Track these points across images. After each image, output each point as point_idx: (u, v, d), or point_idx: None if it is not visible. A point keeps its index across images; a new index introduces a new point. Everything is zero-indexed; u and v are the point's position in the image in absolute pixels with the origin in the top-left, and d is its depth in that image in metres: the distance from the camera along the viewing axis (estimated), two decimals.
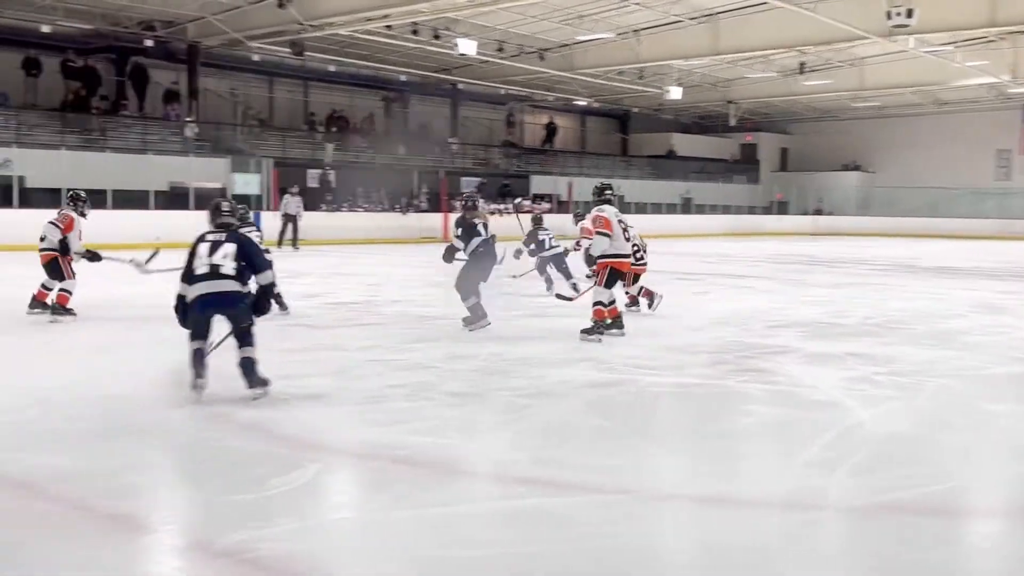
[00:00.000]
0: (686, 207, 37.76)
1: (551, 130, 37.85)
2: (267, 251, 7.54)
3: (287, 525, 3.86)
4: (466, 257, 9.21)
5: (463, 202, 9.67)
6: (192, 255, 6.14)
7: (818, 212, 40.58)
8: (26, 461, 4.57)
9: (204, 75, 27.16)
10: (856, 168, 42.10)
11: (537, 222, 13.03)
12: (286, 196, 23.26)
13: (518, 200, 12.92)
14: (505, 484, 4.56)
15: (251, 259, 6.17)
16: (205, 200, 11.04)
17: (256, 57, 27.13)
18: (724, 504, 4.25)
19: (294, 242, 22.53)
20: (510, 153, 35.22)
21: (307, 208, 23.96)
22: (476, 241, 9.16)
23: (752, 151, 43.55)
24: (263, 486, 4.30)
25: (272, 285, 6.42)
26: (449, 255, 9.35)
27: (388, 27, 23.28)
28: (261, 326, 6.22)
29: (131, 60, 26.00)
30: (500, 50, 26.48)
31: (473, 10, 21.76)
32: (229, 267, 6.04)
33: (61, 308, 9.43)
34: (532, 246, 12.76)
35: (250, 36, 24.36)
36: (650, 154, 40.06)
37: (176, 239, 13.82)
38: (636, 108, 38.64)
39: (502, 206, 30.24)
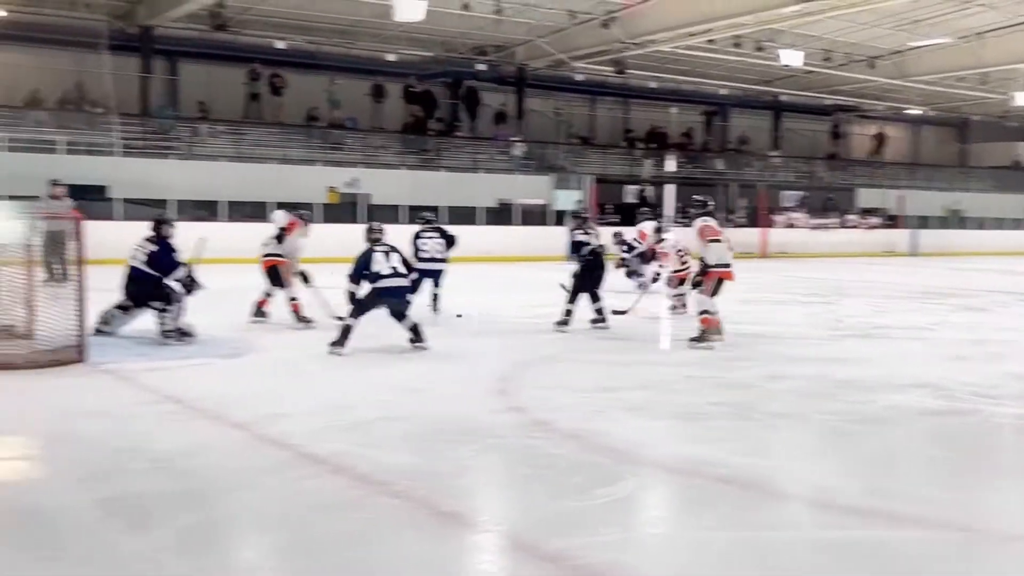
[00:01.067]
0: None
1: (880, 140, 35.95)
2: None
3: (610, 536, 3.92)
4: None
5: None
6: (369, 261, 8.25)
7: None
8: (376, 458, 4.95)
9: (530, 96, 28.33)
10: None
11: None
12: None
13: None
14: (832, 512, 4.37)
15: (407, 264, 8.59)
16: (529, 216, 11.51)
17: (579, 77, 27.92)
18: None
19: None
20: (835, 166, 33.82)
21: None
22: None
23: None
24: (586, 495, 4.39)
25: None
26: None
27: (710, 41, 23.14)
28: (582, 338, 6.36)
29: (464, 84, 27.58)
30: (827, 59, 25.53)
31: (799, 20, 21.15)
32: (402, 269, 8.38)
33: (298, 316, 9.74)
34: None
35: (574, 56, 25.12)
36: (992, 165, 36.99)
37: (501, 253, 14.51)
38: (976, 115, 35.83)
39: (827, 221, 29.11)
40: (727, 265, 8.88)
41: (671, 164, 28.33)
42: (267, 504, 4.26)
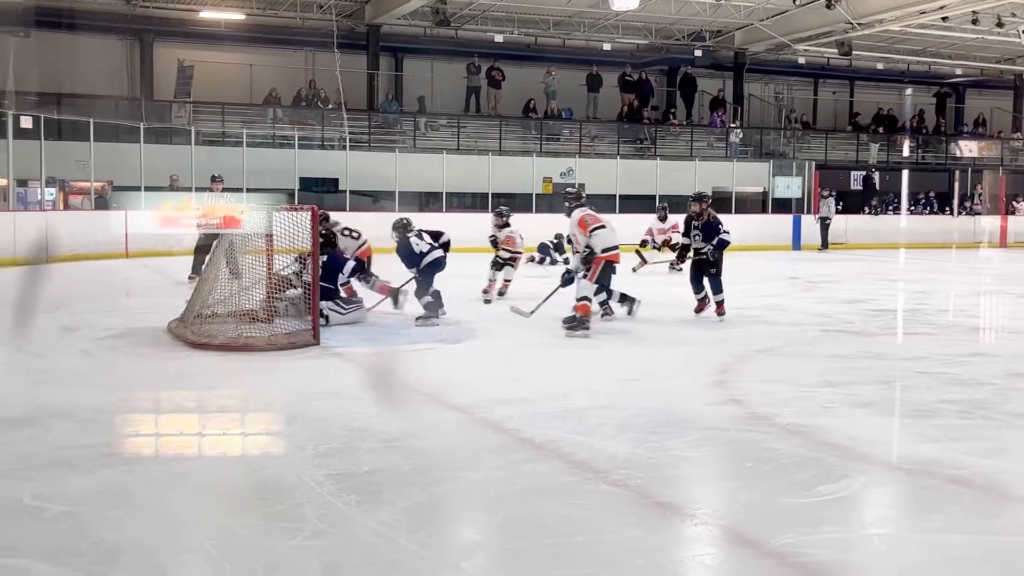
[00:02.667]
0: None
1: None
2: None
3: (834, 534, 3.79)
4: None
5: None
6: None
7: None
8: (593, 446, 4.99)
9: (749, 81, 27.66)
10: None
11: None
12: (820, 200, 23.12)
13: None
14: None
15: None
16: (745, 204, 11.29)
17: (801, 60, 27.00)
18: None
19: (824, 245, 22.37)
20: None
21: (848, 211, 23.43)
22: None
23: None
24: (809, 492, 4.26)
25: None
26: None
27: (943, 19, 21.82)
28: (803, 330, 6.18)
29: (680, 70, 27.24)
30: None
31: None
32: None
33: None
34: None
35: (796, 39, 24.33)
36: None
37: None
38: None
39: None
40: (614, 248, 8.92)
41: (905, 148, 27.00)
42: (489, 485, 4.38)
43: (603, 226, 8.89)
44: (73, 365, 7.25)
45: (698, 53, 25.86)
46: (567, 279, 9.01)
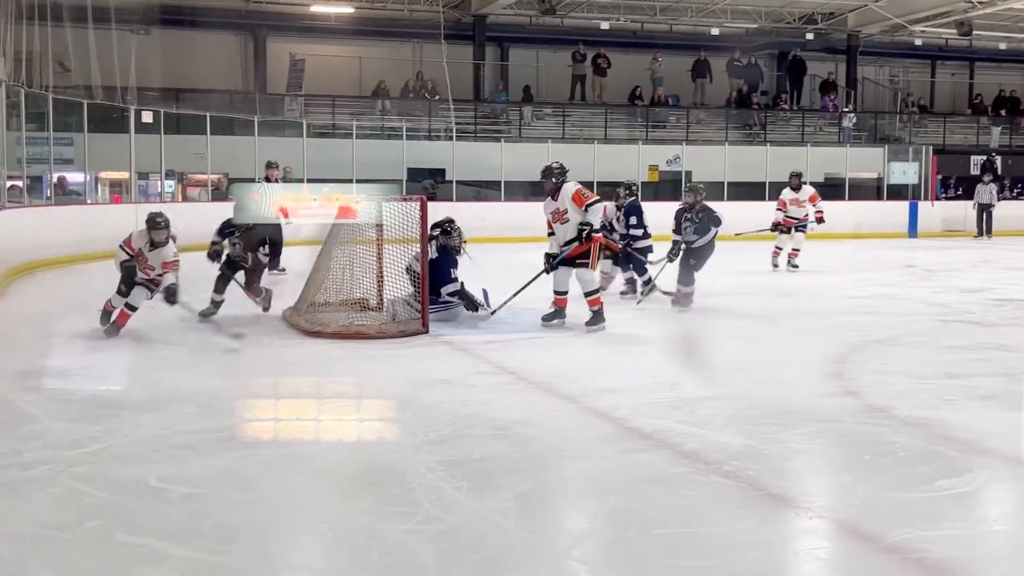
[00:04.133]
0: None
1: None
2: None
3: (955, 530, 3.67)
4: None
5: None
6: None
7: None
8: (703, 436, 4.94)
9: (862, 64, 26.89)
10: None
11: None
12: (979, 185, 22.23)
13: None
14: None
15: None
16: (859, 191, 11.01)
17: (918, 41, 26.10)
18: None
19: (988, 232, 21.51)
20: None
21: (968, 196, 22.57)
22: None
23: None
24: (929, 486, 4.14)
25: None
26: None
27: None
28: (920, 319, 6.00)
29: (790, 54, 26.63)
30: None
31: None
32: None
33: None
34: None
35: (912, 20, 23.57)
36: None
37: (828, 230, 13.96)
38: None
39: None
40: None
41: (995, 139, 25.89)
42: (599, 474, 4.38)
43: (600, 200, 8.25)
44: (193, 352, 7.50)
45: (809, 36, 25.21)
46: (553, 265, 8.30)
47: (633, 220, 10.21)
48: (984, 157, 25.45)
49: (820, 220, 13.83)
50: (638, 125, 24.37)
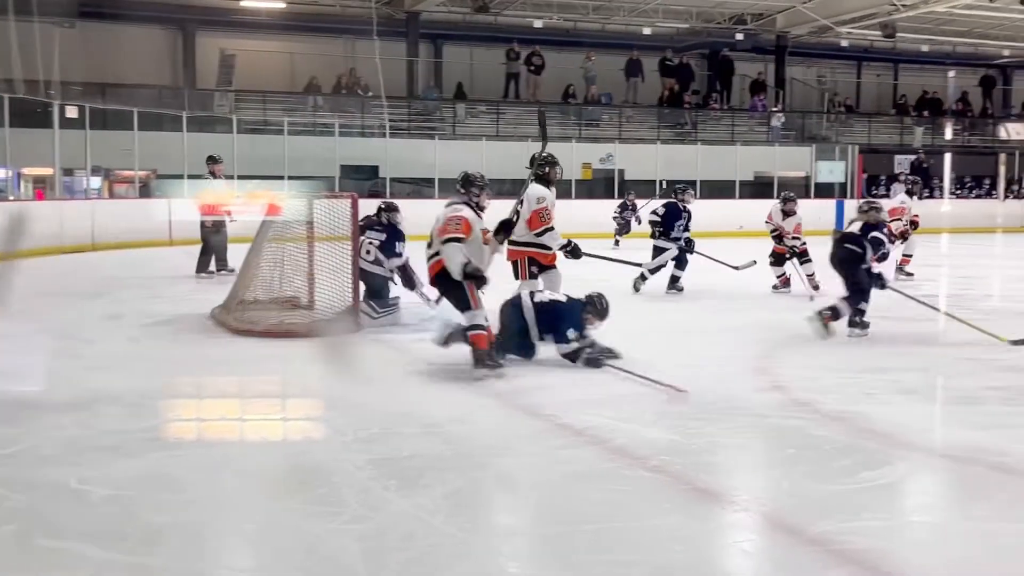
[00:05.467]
0: None
1: None
2: None
3: (876, 521, 3.75)
4: None
5: None
6: None
7: None
8: (631, 432, 4.98)
9: (790, 64, 27.36)
10: None
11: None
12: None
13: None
14: None
15: None
16: (787, 190, 11.17)
17: (844, 43, 26.64)
18: None
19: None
20: None
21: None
22: None
23: None
24: (851, 479, 4.23)
25: None
26: None
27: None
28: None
29: (720, 54, 26.99)
30: None
31: None
32: None
33: None
34: None
35: (839, 22, 24.04)
36: None
37: (759, 228, 14.12)
38: None
39: None
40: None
41: (948, 131, 26.60)
42: (528, 471, 4.39)
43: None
44: (118, 351, 7.36)
45: (739, 36, 25.58)
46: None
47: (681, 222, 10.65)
48: (910, 157, 26.07)
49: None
50: (571, 123, 24.50)
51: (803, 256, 10.68)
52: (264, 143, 20.37)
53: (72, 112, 16.92)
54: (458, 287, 6.25)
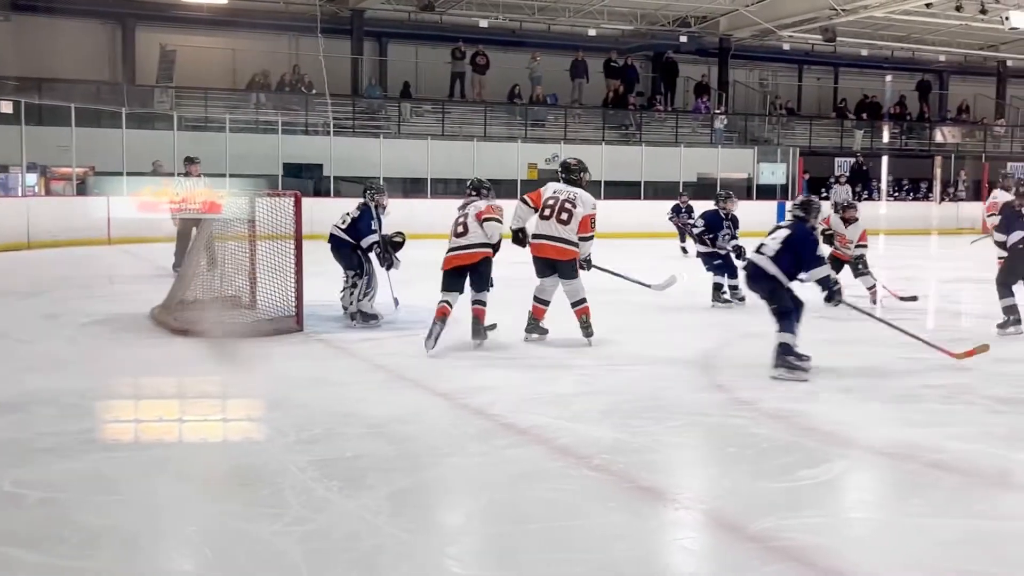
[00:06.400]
0: None
1: None
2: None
3: (815, 518, 3.82)
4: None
5: (1018, 188, 8.65)
6: None
7: None
8: (576, 431, 5.00)
9: (733, 67, 27.68)
10: None
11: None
12: (835, 186, 23.29)
13: None
14: None
15: None
16: (729, 190, 11.23)
17: (786, 46, 27.02)
18: None
19: None
20: None
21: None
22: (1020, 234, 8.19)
23: None
24: (791, 476, 4.29)
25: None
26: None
27: (928, 5, 21.85)
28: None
29: (664, 56, 27.20)
30: None
31: None
32: None
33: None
34: None
35: (781, 25, 24.36)
36: None
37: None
38: None
39: None
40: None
41: (885, 135, 27.16)
42: (473, 471, 4.39)
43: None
44: (55, 351, 7.22)
45: (683, 39, 25.83)
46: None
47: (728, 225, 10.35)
48: (850, 159, 26.51)
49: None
50: (517, 123, 24.53)
51: (861, 264, 10.26)
52: (206, 140, 20.05)
53: (7, 107, 16.56)
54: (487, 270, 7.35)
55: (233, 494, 4.05)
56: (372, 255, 8.43)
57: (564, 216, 7.31)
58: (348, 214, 8.46)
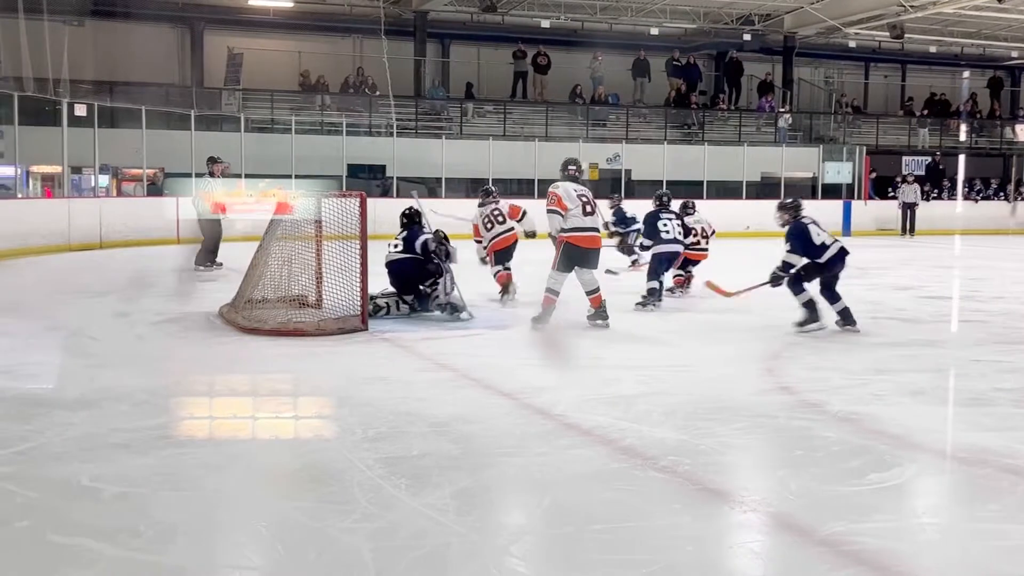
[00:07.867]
0: None
1: None
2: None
3: (886, 522, 3.76)
4: None
5: None
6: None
7: None
8: (640, 432, 4.98)
9: (798, 65, 27.33)
10: None
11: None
12: (903, 185, 22.99)
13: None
14: None
15: None
16: (794, 190, 11.16)
17: (852, 43, 26.61)
18: None
19: (911, 231, 22.41)
20: None
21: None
22: None
23: None
24: (860, 480, 4.23)
25: None
26: None
27: (999, 0, 21.38)
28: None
29: (728, 55, 26.97)
30: None
31: None
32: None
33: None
34: None
35: (847, 23, 24.01)
36: None
37: (766, 228, 14.07)
38: None
39: None
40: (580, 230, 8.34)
41: (962, 133, 26.65)
42: (536, 471, 4.39)
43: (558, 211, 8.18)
44: (127, 349, 7.38)
45: (747, 37, 25.57)
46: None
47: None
48: (926, 158, 25.99)
49: None
50: (578, 123, 24.50)
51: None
52: (272, 142, 20.41)
53: (81, 110, 16.97)
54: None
55: (303, 491, 4.11)
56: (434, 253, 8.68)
57: (590, 208, 8.21)
58: (394, 240, 8.92)
